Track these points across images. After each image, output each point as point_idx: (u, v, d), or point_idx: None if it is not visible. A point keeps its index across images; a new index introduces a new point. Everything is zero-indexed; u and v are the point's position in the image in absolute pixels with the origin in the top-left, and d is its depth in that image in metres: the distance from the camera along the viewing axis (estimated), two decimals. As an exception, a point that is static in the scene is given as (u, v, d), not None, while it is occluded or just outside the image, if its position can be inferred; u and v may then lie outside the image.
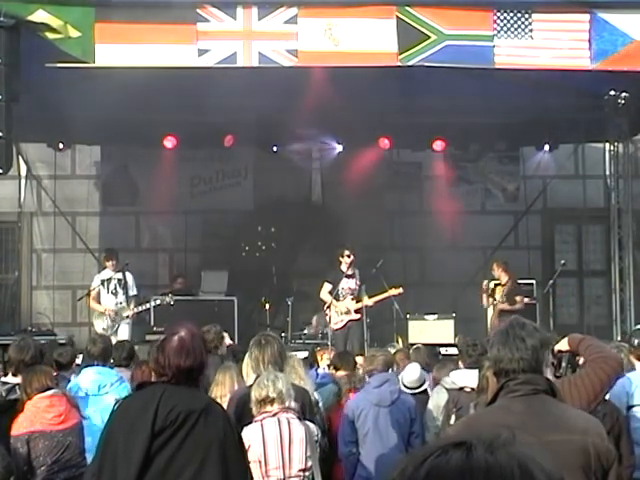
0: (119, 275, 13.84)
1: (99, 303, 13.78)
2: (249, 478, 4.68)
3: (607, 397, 7.43)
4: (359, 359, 9.82)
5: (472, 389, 7.49)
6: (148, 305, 13.65)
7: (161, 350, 4.58)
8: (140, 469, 4.32)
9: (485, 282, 14.34)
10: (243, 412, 6.10)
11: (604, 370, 4.20)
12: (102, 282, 13.85)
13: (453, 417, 7.41)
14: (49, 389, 6.73)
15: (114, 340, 10.38)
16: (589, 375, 4.14)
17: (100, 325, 13.63)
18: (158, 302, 13.62)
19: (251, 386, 6.21)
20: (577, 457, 3.45)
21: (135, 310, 13.59)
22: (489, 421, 3.53)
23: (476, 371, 7.56)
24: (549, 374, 3.88)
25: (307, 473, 5.84)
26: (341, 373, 9.02)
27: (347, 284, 13.75)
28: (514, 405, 3.57)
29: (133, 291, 13.89)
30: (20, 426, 6.54)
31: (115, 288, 13.83)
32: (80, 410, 6.92)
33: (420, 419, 7.99)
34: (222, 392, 7.37)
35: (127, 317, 13.51)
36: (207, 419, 4.41)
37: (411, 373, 8.74)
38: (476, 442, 1.31)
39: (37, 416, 6.58)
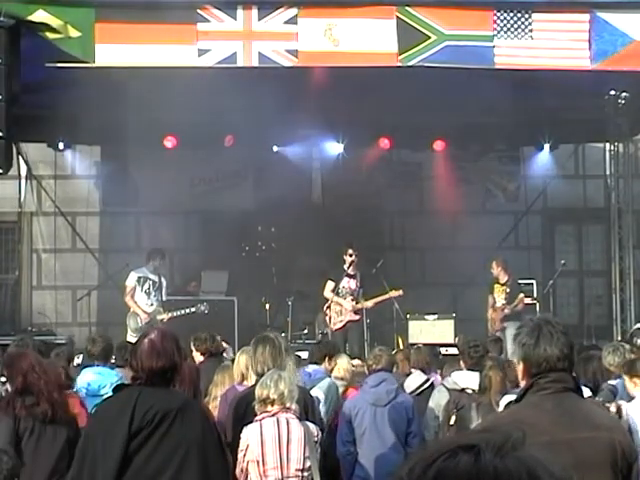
0: (155, 277, 13.76)
1: (134, 300, 13.70)
2: (230, 477, 4.70)
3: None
4: (356, 361, 9.82)
5: (473, 391, 7.50)
6: (183, 312, 13.55)
7: (134, 354, 4.63)
8: (118, 469, 4.35)
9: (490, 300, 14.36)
10: (246, 412, 6.11)
11: None
12: (138, 279, 13.80)
13: (453, 417, 7.42)
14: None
15: None
16: None
17: (133, 324, 13.54)
18: (193, 310, 13.56)
19: (253, 386, 6.21)
20: (606, 454, 3.53)
21: (171, 315, 13.38)
22: (519, 418, 3.55)
23: (478, 373, 7.57)
24: None
25: (305, 473, 5.84)
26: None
27: (348, 283, 13.79)
28: (545, 403, 3.61)
29: (165, 296, 13.84)
30: None
31: (149, 288, 13.74)
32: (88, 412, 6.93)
33: (418, 419, 8.00)
34: (221, 392, 7.38)
35: (162, 321, 13.24)
36: (184, 418, 4.45)
37: (410, 380, 8.78)
38: (485, 446, 1.31)
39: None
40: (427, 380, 8.87)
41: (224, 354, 9.80)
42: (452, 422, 7.40)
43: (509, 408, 3.90)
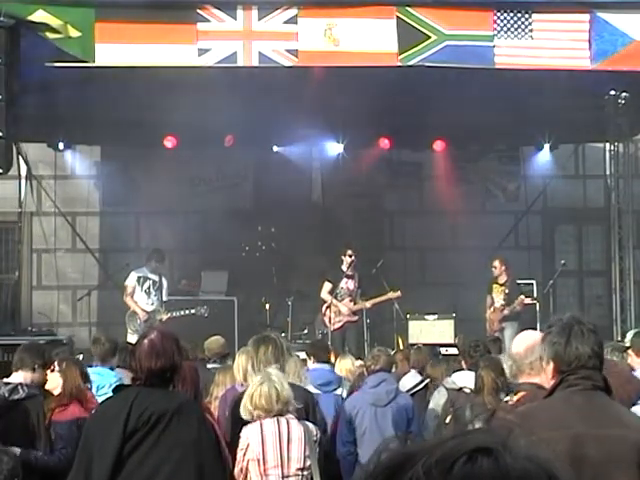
0: (155, 277, 13.76)
1: (134, 300, 13.69)
2: (226, 478, 4.70)
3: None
4: (358, 362, 9.82)
5: (471, 390, 7.50)
6: (183, 312, 13.53)
7: (133, 354, 4.62)
8: (112, 470, 4.35)
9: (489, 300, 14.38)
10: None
11: (620, 396, 4.22)
12: (138, 279, 13.79)
13: (449, 417, 7.43)
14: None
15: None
16: None
17: (133, 324, 13.52)
18: (193, 311, 13.55)
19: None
20: (634, 453, 3.54)
21: (170, 315, 13.37)
22: (550, 412, 3.60)
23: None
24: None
25: (305, 472, 5.84)
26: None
27: (346, 284, 13.79)
28: (574, 398, 3.65)
29: (166, 297, 13.82)
30: (71, 412, 6.79)
31: (149, 288, 13.73)
32: None
33: (418, 418, 8.00)
34: (222, 392, 7.37)
35: (161, 321, 13.21)
36: (180, 419, 4.45)
37: (404, 381, 8.78)
38: (501, 448, 1.30)
39: (86, 406, 6.86)
40: (422, 381, 8.87)
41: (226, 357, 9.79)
42: (447, 421, 7.42)
43: (540, 402, 3.90)
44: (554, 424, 3.49)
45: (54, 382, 7.03)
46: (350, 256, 13.72)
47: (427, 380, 8.97)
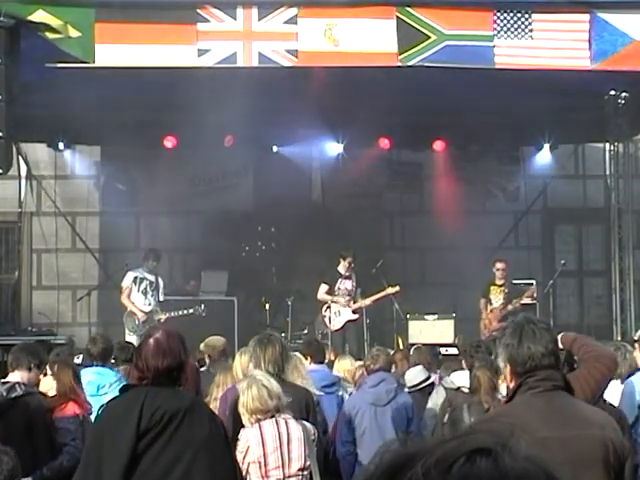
0: (152, 277, 13.76)
1: (131, 300, 13.71)
2: (238, 475, 4.70)
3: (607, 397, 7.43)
4: (358, 362, 9.83)
5: (469, 389, 7.51)
6: (181, 312, 13.54)
7: (139, 354, 4.61)
8: (126, 470, 4.34)
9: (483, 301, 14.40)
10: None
11: (598, 369, 4.22)
12: (134, 279, 13.80)
13: (446, 416, 7.45)
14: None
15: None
16: (584, 375, 4.16)
17: (130, 324, 13.53)
18: (191, 311, 13.56)
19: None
20: (598, 451, 3.53)
21: (169, 315, 13.39)
22: (512, 417, 3.55)
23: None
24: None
25: (306, 472, 5.85)
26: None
27: (344, 285, 13.79)
28: (535, 401, 3.61)
29: (162, 297, 13.83)
30: (72, 409, 6.86)
31: (146, 288, 13.73)
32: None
33: (418, 418, 8.00)
34: (222, 392, 7.37)
35: (159, 321, 13.21)
36: (192, 418, 4.44)
37: (412, 375, 8.76)
38: (500, 449, 1.30)
39: (82, 405, 6.96)
40: (429, 377, 8.86)
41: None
42: (445, 420, 7.43)
43: (501, 408, 3.89)
44: (518, 429, 3.45)
45: (47, 385, 7.02)
46: (350, 262, 13.71)
47: (433, 378, 8.97)
